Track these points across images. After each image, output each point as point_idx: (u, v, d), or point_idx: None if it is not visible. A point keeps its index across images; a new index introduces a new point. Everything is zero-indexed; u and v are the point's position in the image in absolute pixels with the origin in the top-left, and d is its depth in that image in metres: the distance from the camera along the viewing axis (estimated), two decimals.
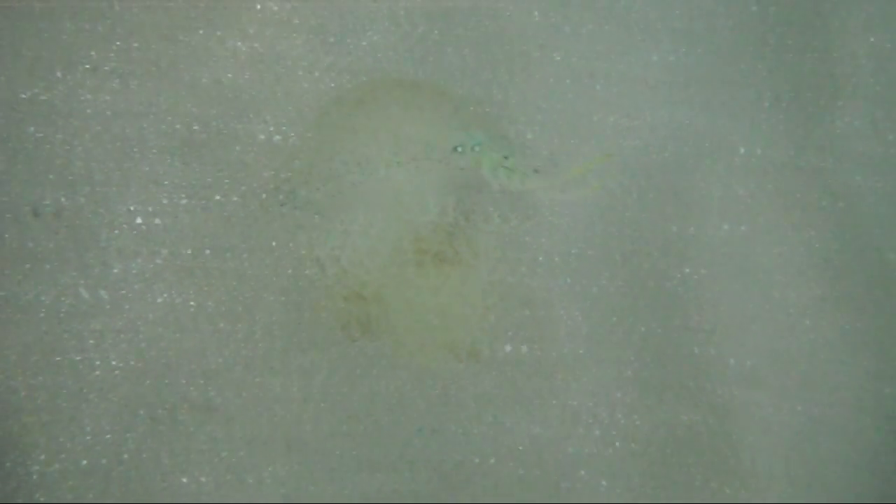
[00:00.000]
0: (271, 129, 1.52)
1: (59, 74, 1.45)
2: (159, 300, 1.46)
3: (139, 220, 1.47)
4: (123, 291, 1.45)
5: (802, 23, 1.72)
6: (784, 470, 1.59)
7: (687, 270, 1.61)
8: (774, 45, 1.70)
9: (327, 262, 1.50)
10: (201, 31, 1.51)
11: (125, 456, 1.41)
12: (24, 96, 1.44)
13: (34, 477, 1.39)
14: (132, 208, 1.47)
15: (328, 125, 1.53)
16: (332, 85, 1.54)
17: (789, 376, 1.61)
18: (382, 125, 1.49)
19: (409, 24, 1.59)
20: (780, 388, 1.60)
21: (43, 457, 1.40)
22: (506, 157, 1.49)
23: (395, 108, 1.50)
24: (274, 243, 1.50)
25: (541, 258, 1.57)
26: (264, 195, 1.51)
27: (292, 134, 1.53)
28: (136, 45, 1.48)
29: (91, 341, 1.43)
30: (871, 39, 1.73)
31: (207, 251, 1.48)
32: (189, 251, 1.48)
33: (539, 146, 1.58)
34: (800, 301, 1.65)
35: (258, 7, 1.54)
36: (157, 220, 1.47)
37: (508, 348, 1.54)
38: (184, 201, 1.48)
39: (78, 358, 1.42)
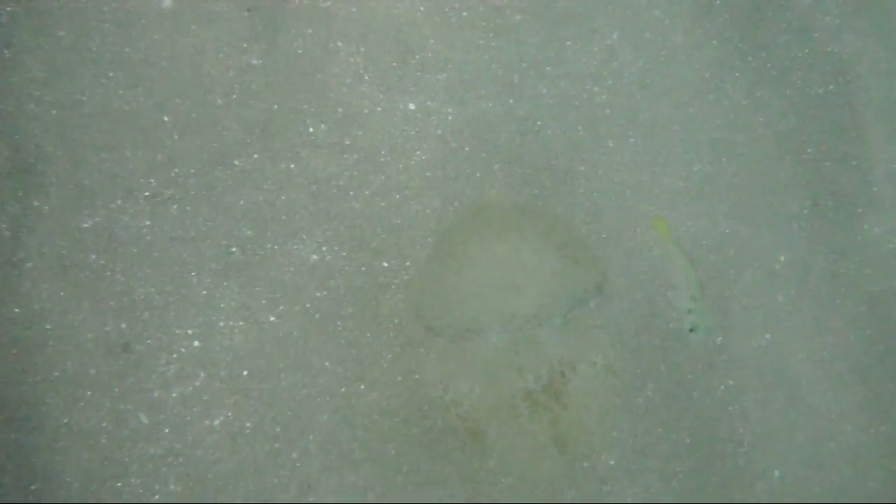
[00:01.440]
0: (324, 248, 1.56)
1: (119, 202, 1.49)
2: (217, 422, 1.49)
3: (197, 343, 1.50)
4: (182, 415, 1.48)
5: (839, 133, 1.75)
6: None
7: (731, 382, 1.63)
8: (812, 154, 1.73)
9: (381, 382, 1.53)
10: (256, 156, 1.55)
11: None
12: (85, 225, 1.48)
13: None
14: (190, 332, 1.50)
15: (379, 246, 1.57)
16: (383, 204, 1.58)
17: (833, 483, 1.64)
18: (442, 256, 1.53)
19: (456, 142, 1.62)
20: (824, 496, 1.63)
21: None
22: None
23: (450, 241, 1.54)
24: (327, 363, 1.53)
25: (584, 367, 1.60)
26: (317, 315, 1.54)
27: (344, 254, 1.56)
28: (193, 171, 1.52)
29: (151, 465, 1.45)
30: None
31: (263, 372, 1.51)
32: (245, 372, 1.51)
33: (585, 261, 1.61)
34: (840, 407, 1.67)
35: (310, 129, 1.58)
36: (215, 343, 1.50)
37: (556, 460, 1.57)
38: (240, 323, 1.52)
39: (138, 482, 1.45)
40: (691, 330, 1.40)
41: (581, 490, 1.56)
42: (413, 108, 1.62)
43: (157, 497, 1.46)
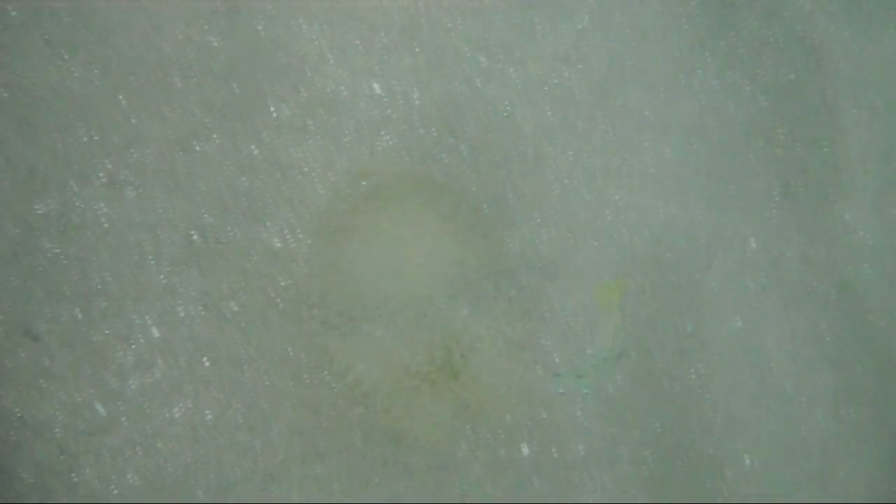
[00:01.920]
0: (287, 235, 1.52)
1: (74, 187, 1.44)
2: (176, 413, 1.45)
3: (155, 332, 1.46)
4: (140, 405, 1.43)
5: (810, 116, 1.74)
6: None
7: (701, 367, 1.62)
8: (783, 138, 1.72)
9: (345, 372, 1.50)
10: (216, 139, 1.51)
11: None
12: (39, 211, 1.43)
13: None
14: (148, 320, 1.45)
15: (344, 233, 1.53)
16: (349, 189, 1.55)
17: (803, 470, 1.63)
18: (401, 242, 1.50)
19: (422, 125, 1.59)
20: (794, 483, 1.62)
21: None
22: None
23: (414, 227, 1.51)
24: (290, 351, 1.50)
25: (557, 359, 1.58)
26: (280, 303, 1.50)
27: (309, 241, 1.53)
28: (151, 154, 1.48)
29: (107, 458, 1.41)
30: (877, 132, 1.75)
31: (224, 361, 1.47)
32: (206, 361, 1.47)
33: (553, 244, 1.59)
34: (811, 393, 1.67)
35: (273, 112, 1.54)
36: (174, 332, 1.46)
37: (525, 450, 1.55)
38: (201, 311, 1.48)
39: (95, 475, 1.41)
40: (556, 375, 1.42)
41: (549, 478, 1.54)
42: (378, 90, 1.58)
43: (115, 491, 1.42)
